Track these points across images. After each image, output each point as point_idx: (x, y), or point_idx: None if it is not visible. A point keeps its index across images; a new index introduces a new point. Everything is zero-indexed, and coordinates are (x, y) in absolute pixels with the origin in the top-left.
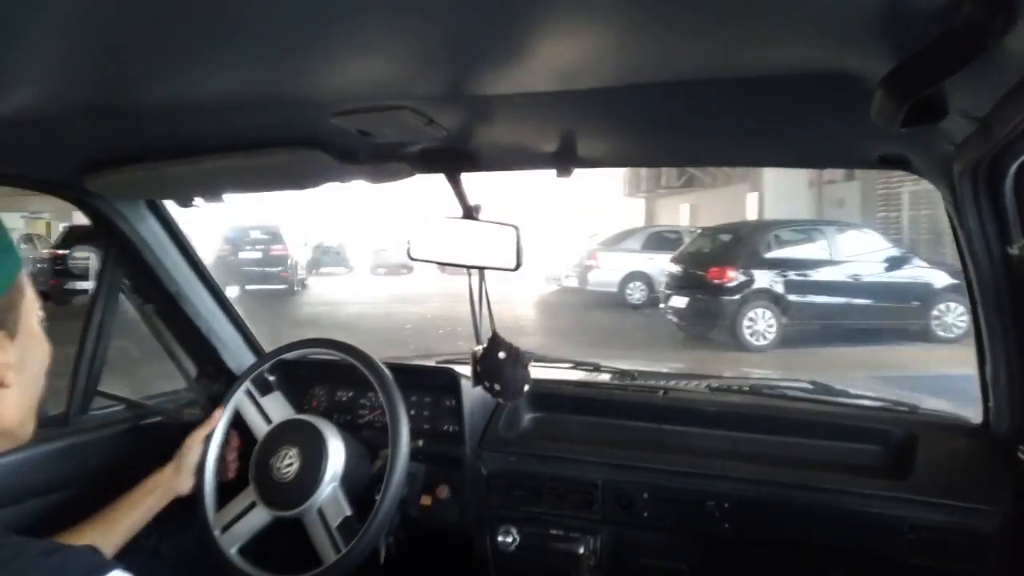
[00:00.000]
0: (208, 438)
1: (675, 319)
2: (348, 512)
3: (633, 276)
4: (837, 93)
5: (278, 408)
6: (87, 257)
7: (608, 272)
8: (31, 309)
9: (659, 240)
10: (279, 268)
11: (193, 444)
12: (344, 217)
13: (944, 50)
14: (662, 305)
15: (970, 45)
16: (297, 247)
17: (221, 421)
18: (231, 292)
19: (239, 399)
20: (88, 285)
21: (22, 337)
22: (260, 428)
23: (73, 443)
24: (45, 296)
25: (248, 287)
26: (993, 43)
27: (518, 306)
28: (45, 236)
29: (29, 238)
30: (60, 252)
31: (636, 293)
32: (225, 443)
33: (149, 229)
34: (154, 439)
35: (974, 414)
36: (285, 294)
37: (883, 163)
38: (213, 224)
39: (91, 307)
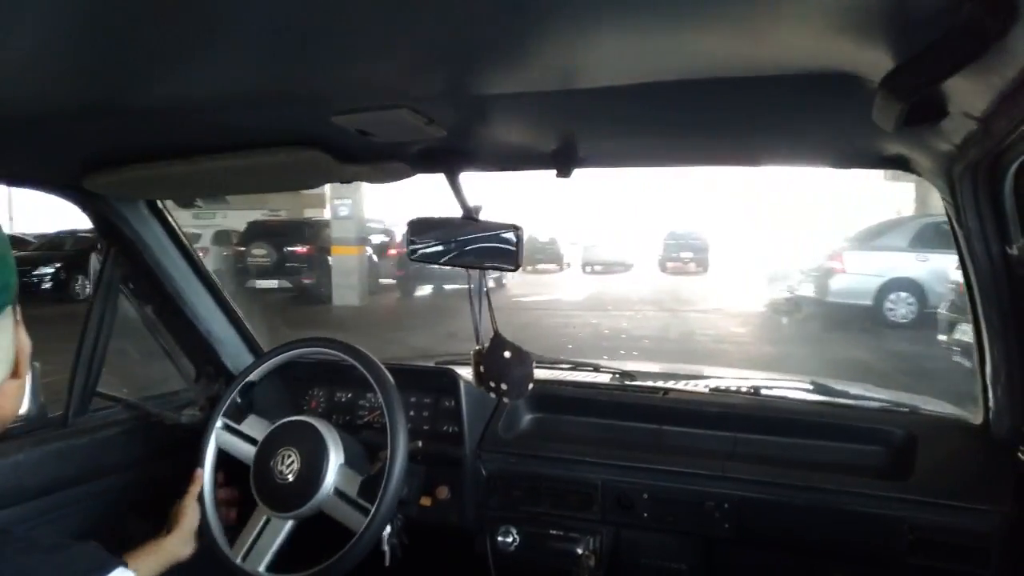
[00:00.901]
0: (200, 497)
1: (967, 362)
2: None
3: (896, 284)
4: (837, 93)
5: (260, 428)
6: (265, 255)
7: (859, 278)
8: (17, 304)
9: (935, 235)
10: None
11: (186, 508)
12: (553, 212)
13: (944, 50)
14: (943, 337)
15: (970, 45)
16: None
17: (206, 476)
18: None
19: (219, 436)
20: (269, 283)
21: (20, 331)
22: (248, 452)
23: (72, 444)
24: None
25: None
26: (993, 43)
27: (729, 318)
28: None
29: (220, 237)
30: (240, 249)
31: (900, 308)
32: (215, 494)
33: (149, 229)
34: (153, 440)
35: (974, 414)
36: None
37: (883, 163)
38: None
39: (90, 307)
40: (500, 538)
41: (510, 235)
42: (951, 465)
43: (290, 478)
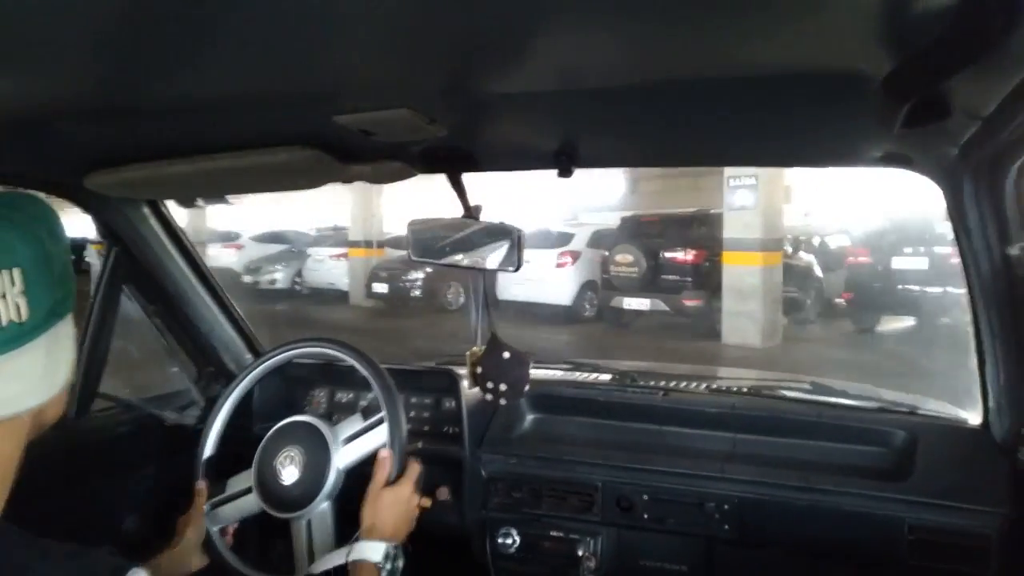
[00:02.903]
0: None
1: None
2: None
3: (591, 285)
4: (839, 93)
5: (246, 479)
6: (631, 263)
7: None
8: None
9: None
10: None
11: (191, 523)
12: None
13: (945, 50)
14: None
15: (971, 45)
16: None
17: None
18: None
19: (211, 518)
20: (639, 303)
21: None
22: (251, 505)
23: (74, 444)
24: None
25: None
26: (994, 44)
27: None
28: None
29: (599, 238)
30: (605, 254)
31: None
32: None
33: (150, 229)
34: (155, 440)
35: (973, 415)
36: None
37: (884, 162)
38: None
39: (91, 307)
40: (500, 539)
41: (510, 236)
42: (951, 466)
43: (293, 479)
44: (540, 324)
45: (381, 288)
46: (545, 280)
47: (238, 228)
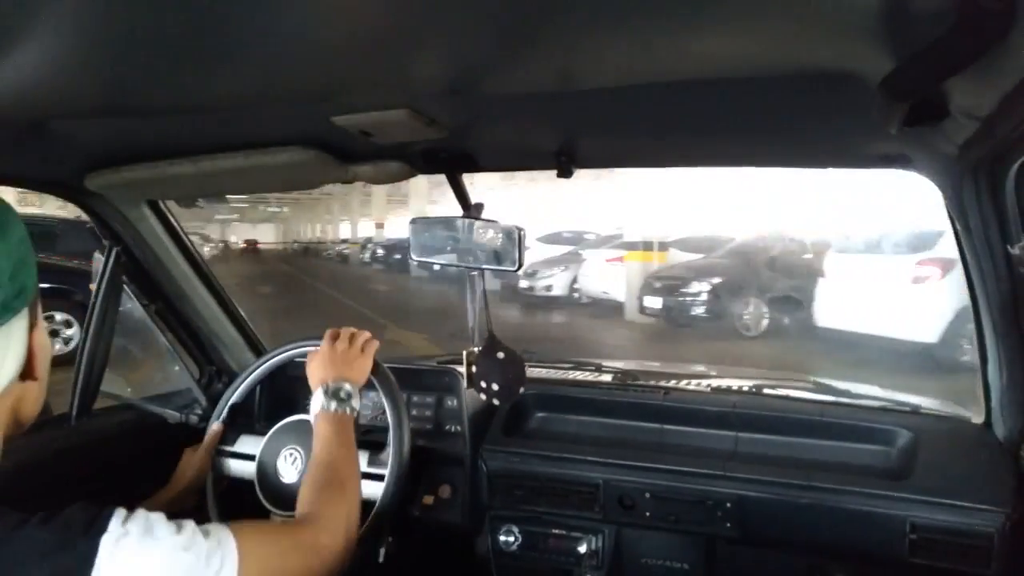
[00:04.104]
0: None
1: None
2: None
3: None
4: (838, 93)
5: (253, 444)
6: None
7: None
8: (39, 305)
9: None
10: None
11: (196, 463)
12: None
13: (945, 50)
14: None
15: (971, 45)
16: None
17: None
18: None
19: (215, 463)
20: None
21: (37, 332)
22: (247, 469)
23: (75, 443)
24: None
25: None
26: (994, 43)
27: None
28: None
29: None
30: None
31: None
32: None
33: (150, 229)
34: (156, 439)
35: (976, 414)
36: None
37: (884, 163)
38: None
39: (92, 307)
40: (502, 537)
41: (511, 235)
42: (953, 465)
43: (295, 477)
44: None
45: (654, 302)
46: (896, 303)
47: (530, 228)
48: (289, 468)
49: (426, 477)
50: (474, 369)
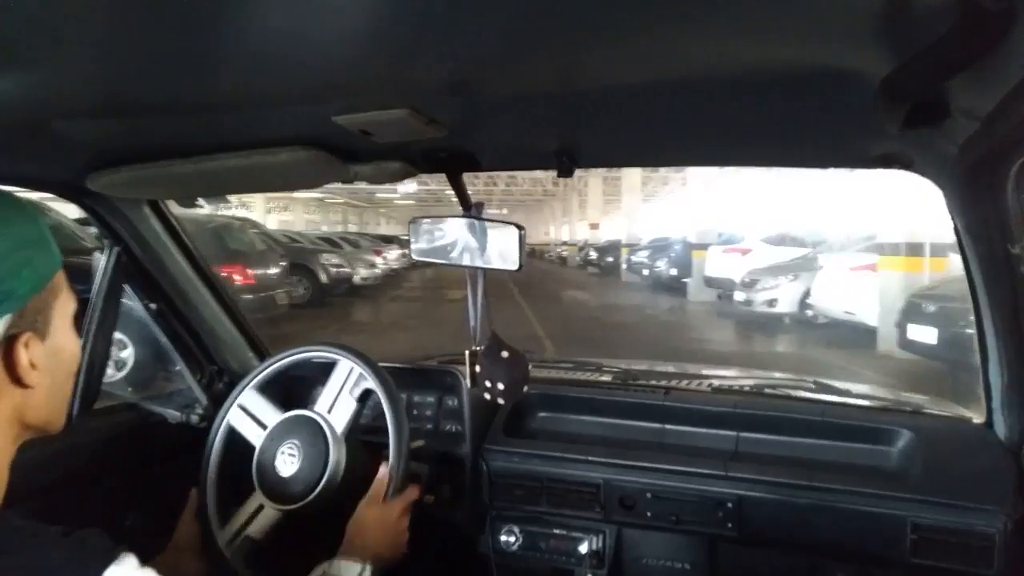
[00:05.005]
0: (198, 513)
1: None
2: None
3: None
4: (838, 93)
5: (271, 415)
6: None
7: None
8: (65, 310)
9: None
10: None
11: (184, 527)
12: None
13: (945, 50)
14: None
15: (972, 45)
16: None
17: (211, 469)
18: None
19: (232, 415)
20: None
21: (52, 338)
22: (257, 434)
23: (75, 444)
24: None
25: None
26: (995, 43)
27: None
28: None
29: None
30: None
31: None
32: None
33: (151, 229)
34: (157, 440)
35: (977, 414)
36: None
37: (884, 163)
38: None
39: (92, 307)
40: (503, 537)
41: (512, 234)
42: (954, 465)
43: (292, 471)
44: None
45: (924, 333)
46: None
47: (748, 227)
48: (287, 463)
49: (427, 477)
50: (477, 369)
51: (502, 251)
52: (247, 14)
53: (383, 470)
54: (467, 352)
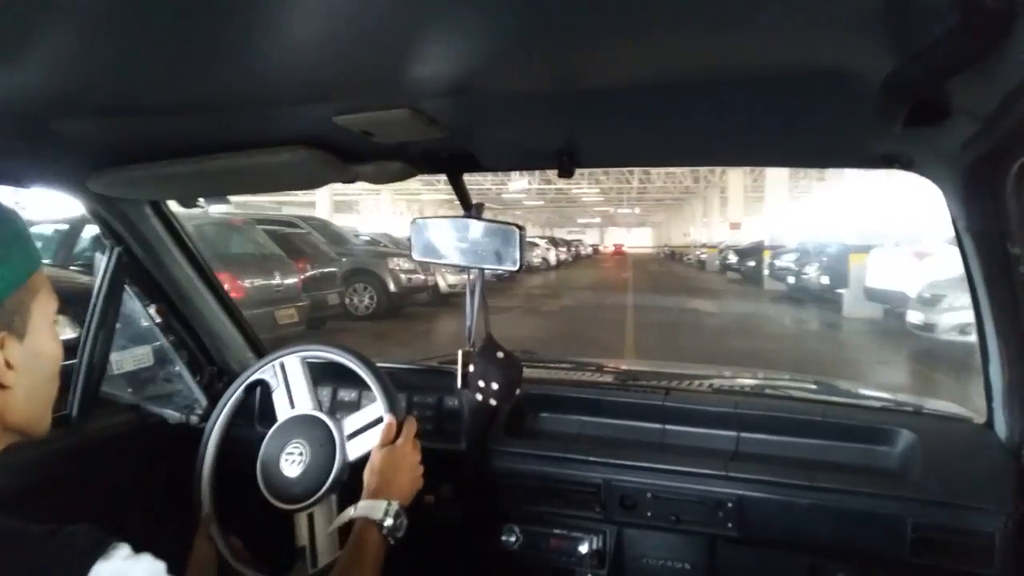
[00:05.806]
0: (207, 534)
1: None
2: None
3: None
4: (839, 93)
5: (304, 399)
6: None
7: None
8: (44, 310)
9: None
10: None
11: (197, 544)
12: None
13: (947, 50)
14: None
15: (972, 45)
16: None
17: (205, 472)
18: None
19: (291, 364)
20: None
21: (31, 339)
22: (285, 410)
23: (75, 444)
24: None
25: None
26: (995, 43)
27: None
28: None
29: None
30: None
31: None
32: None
33: (152, 229)
34: (157, 440)
35: (978, 414)
36: None
37: (885, 162)
38: None
39: (93, 308)
40: (503, 537)
41: (512, 235)
42: (955, 465)
43: (298, 470)
44: None
45: None
46: None
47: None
48: (292, 464)
49: (427, 477)
50: (471, 369)
51: (502, 251)
52: (248, 15)
53: (386, 418)
54: (460, 352)
